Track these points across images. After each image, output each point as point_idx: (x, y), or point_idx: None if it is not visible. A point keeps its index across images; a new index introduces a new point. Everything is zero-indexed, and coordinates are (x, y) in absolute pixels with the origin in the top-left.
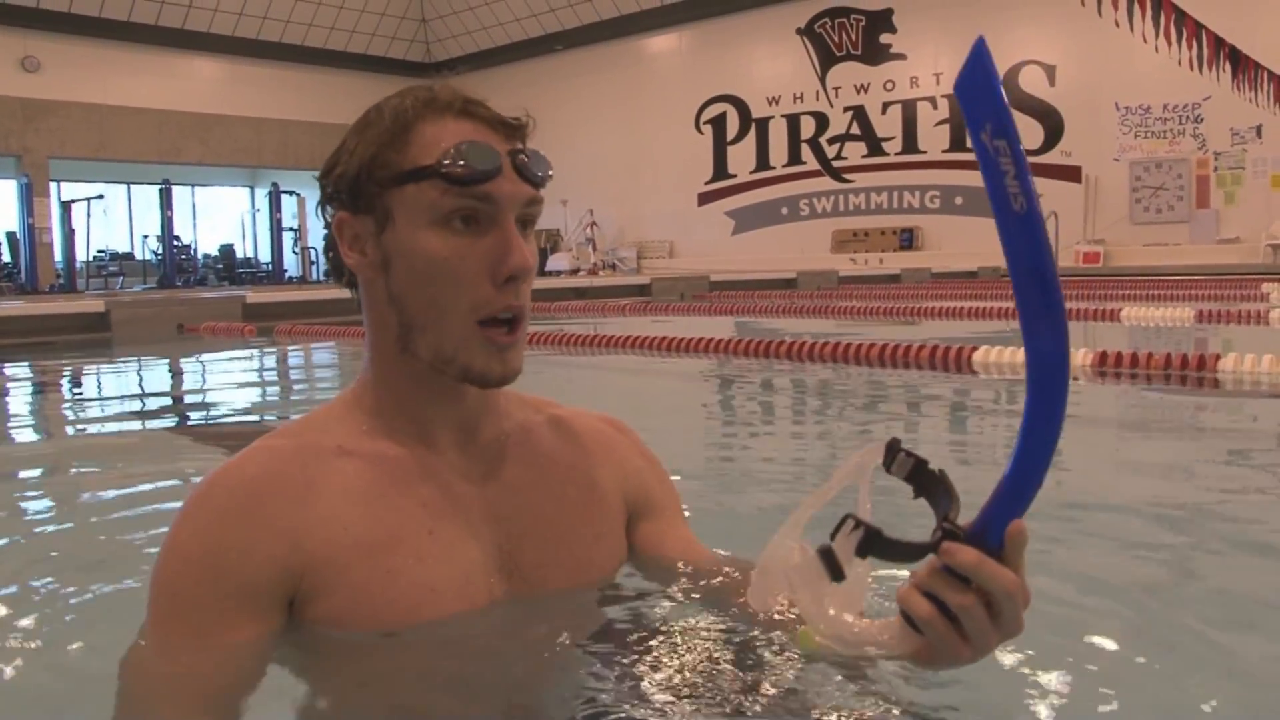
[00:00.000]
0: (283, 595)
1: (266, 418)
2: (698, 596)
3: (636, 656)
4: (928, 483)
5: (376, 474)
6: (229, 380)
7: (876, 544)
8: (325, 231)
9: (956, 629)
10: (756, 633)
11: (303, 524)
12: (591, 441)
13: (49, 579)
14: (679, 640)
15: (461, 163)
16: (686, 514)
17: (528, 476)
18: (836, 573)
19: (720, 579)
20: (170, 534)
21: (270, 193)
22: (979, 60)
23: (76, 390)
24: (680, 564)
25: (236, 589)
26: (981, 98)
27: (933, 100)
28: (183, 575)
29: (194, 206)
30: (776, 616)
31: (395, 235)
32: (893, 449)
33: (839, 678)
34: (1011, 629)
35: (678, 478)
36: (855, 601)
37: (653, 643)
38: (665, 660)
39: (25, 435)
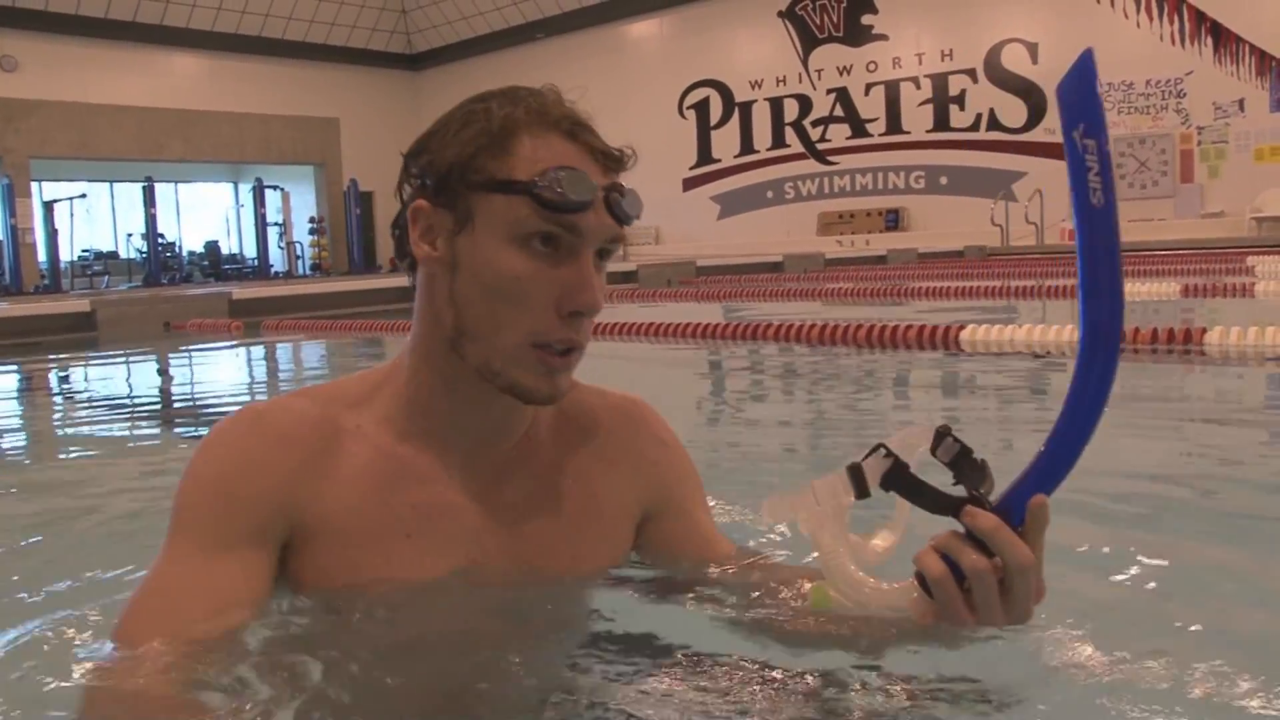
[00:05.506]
0: (275, 538)
1: None
2: (709, 593)
3: (619, 662)
4: (969, 469)
5: (379, 467)
6: (217, 376)
7: (902, 478)
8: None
9: (965, 594)
10: (769, 615)
11: (304, 486)
12: (606, 441)
13: (34, 578)
14: (683, 642)
15: (559, 189)
16: None
17: (527, 492)
18: (862, 489)
19: (735, 574)
20: (191, 459)
21: (254, 188)
22: (1085, 68)
23: (64, 390)
24: (693, 563)
25: (238, 516)
26: (1081, 102)
27: (915, 81)
28: (194, 495)
29: (177, 204)
30: (793, 604)
31: (472, 240)
32: (941, 435)
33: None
34: (1019, 612)
35: None
36: (871, 559)
37: (652, 646)
38: (664, 663)
39: (13, 437)
